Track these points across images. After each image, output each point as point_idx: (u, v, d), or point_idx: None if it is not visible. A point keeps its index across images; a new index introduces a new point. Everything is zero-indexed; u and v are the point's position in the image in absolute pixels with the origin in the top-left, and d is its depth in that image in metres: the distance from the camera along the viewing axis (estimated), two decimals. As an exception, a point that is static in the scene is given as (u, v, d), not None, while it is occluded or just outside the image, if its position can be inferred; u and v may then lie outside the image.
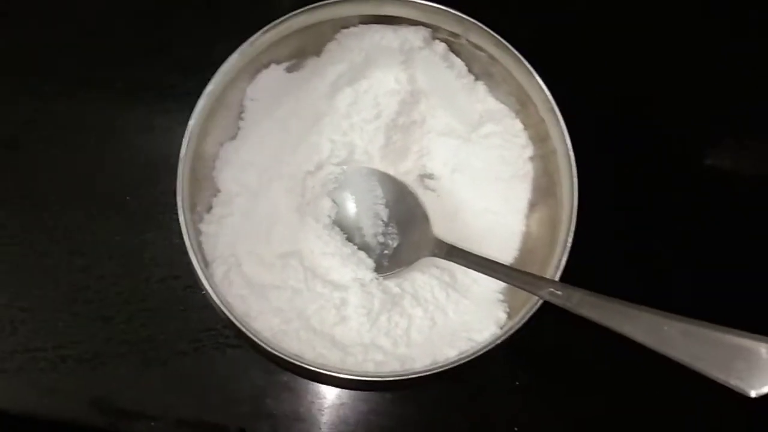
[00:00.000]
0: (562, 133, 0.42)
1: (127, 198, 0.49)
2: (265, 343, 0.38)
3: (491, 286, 0.46)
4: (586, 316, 0.36)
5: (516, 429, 0.47)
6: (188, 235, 0.39)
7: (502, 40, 0.43)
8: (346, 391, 0.47)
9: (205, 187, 0.46)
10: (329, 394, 0.47)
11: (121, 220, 0.49)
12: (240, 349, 0.47)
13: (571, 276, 0.40)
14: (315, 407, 0.47)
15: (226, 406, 0.47)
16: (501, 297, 0.46)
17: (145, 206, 0.49)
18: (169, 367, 0.47)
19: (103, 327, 0.47)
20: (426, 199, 0.48)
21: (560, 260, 0.40)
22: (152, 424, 0.46)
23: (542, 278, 0.40)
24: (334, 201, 0.47)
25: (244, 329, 0.38)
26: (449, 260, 0.44)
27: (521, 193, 0.47)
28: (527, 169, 0.47)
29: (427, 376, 0.40)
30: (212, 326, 0.48)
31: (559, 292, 0.38)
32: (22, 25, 0.53)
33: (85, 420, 0.46)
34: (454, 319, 0.45)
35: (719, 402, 0.46)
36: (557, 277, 0.40)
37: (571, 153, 0.41)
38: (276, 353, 0.38)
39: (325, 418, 0.47)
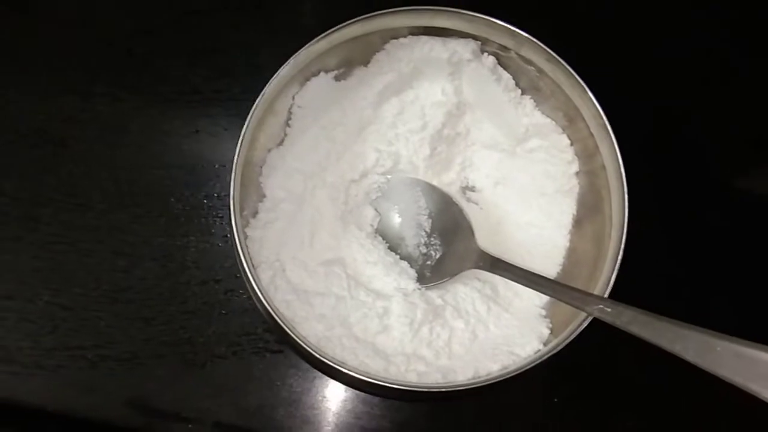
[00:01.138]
0: (614, 149, 0.42)
1: (171, 200, 0.50)
2: (311, 349, 0.38)
3: (534, 301, 0.46)
4: (636, 335, 0.36)
5: (553, 446, 0.47)
6: (239, 237, 0.39)
7: (553, 54, 0.43)
8: (384, 400, 0.47)
9: (252, 192, 0.46)
10: (367, 403, 0.47)
11: (165, 222, 0.49)
12: (279, 354, 0.47)
13: (613, 292, 0.40)
14: (352, 415, 0.47)
15: (262, 411, 0.47)
16: (543, 312, 0.45)
17: (189, 209, 0.50)
18: (207, 370, 0.47)
19: (143, 328, 0.48)
20: (468, 211, 0.48)
21: (610, 277, 0.40)
22: (189, 426, 0.46)
23: (591, 294, 0.39)
24: (377, 210, 0.48)
25: (292, 334, 0.38)
26: (494, 273, 0.44)
27: (566, 208, 0.47)
28: (573, 185, 0.47)
29: (468, 389, 0.40)
30: (252, 331, 0.48)
31: (608, 309, 0.37)
32: (70, 25, 0.53)
33: (121, 420, 0.46)
34: (496, 333, 0.45)
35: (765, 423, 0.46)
36: (607, 294, 0.39)
37: (623, 169, 0.41)
38: (322, 359, 0.38)
39: (362, 426, 0.46)
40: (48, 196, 0.49)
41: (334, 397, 0.47)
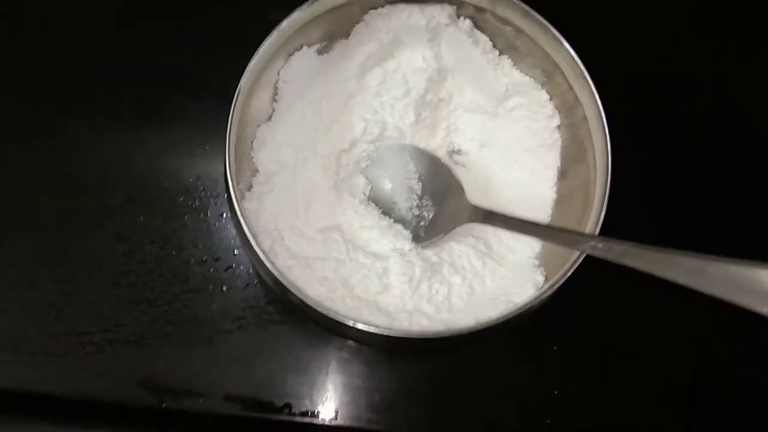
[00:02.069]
0: (593, 95, 0.43)
1: (165, 184, 0.51)
2: (318, 308, 0.39)
3: (526, 253, 0.47)
4: (629, 266, 0.37)
5: (556, 392, 0.48)
6: (237, 205, 0.40)
7: (528, 9, 0.45)
8: (390, 360, 0.48)
9: (245, 167, 0.47)
10: (372, 365, 0.48)
11: (160, 204, 0.50)
12: (283, 325, 0.48)
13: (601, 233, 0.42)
14: (359, 378, 0.48)
15: (270, 382, 0.48)
16: (536, 262, 0.47)
17: (183, 191, 0.51)
18: (214, 345, 0.48)
19: (147, 309, 0.48)
20: (456, 173, 0.49)
21: (599, 217, 0.41)
22: (200, 401, 0.47)
23: (582, 234, 0.41)
24: (367, 178, 0.49)
25: (298, 294, 0.39)
26: (487, 224, 0.45)
27: (550, 161, 0.48)
28: (555, 138, 0.48)
29: (470, 336, 0.41)
30: (255, 304, 0.49)
31: (600, 245, 0.39)
32: (57, 16, 0.54)
33: (132, 400, 0.47)
34: (492, 286, 0.46)
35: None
36: (596, 232, 0.41)
37: (602, 113, 0.43)
38: (330, 317, 0.39)
39: (370, 389, 0.48)
40: (45, 185, 0.50)
41: (339, 361, 0.48)
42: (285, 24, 0.44)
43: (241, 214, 0.41)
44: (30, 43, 0.54)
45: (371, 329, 0.39)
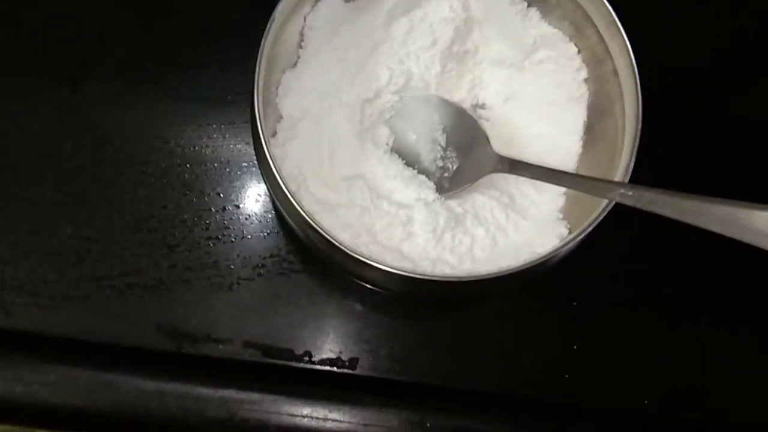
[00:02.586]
0: (625, 46, 0.43)
1: (188, 130, 0.50)
2: (344, 247, 0.39)
3: (550, 206, 0.47)
4: (659, 213, 0.37)
5: (575, 347, 0.48)
6: (267, 149, 0.40)
7: (560, -42, 0.44)
8: (411, 312, 0.48)
9: (269, 113, 0.46)
10: (395, 316, 0.48)
11: (182, 152, 0.50)
12: (304, 273, 0.48)
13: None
14: (379, 327, 0.48)
15: (291, 329, 0.48)
16: (560, 215, 0.47)
17: (206, 139, 0.50)
18: (234, 292, 0.48)
19: (167, 255, 0.48)
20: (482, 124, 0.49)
21: (628, 165, 0.41)
22: (220, 347, 0.47)
23: (611, 181, 0.40)
24: (391, 129, 0.48)
25: (325, 234, 0.39)
26: (513, 173, 0.45)
27: (577, 115, 0.48)
28: (582, 91, 0.48)
29: (492, 286, 0.41)
30: (276, 253, 0.49)
31: (629, 193, 0.39)
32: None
33: (152, 344, 0.47)
34: (515, 238, 0.46)
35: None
36: (626, 180, 0.41)
37: (634, 63, 0.42)
38: (355, 257, 0.39)
39: (390, 339, 0.48)
40: (67, 133, 0.50)
41: (360, 311, 0.48)
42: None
43: (269, 155, 0.40)
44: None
45: (395, 271, 0.39)
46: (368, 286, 0.44)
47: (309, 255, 0.48)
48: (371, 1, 0.48)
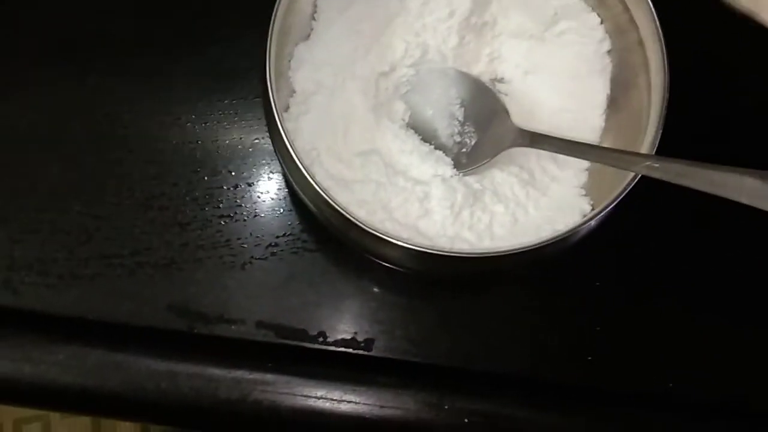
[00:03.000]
0: (651, 14, 0.41)
1: (199, 105, 0.49)
2: (360, 222, 0.38)
3: (572, 182, 0.45)
4: (687, 185, 0.36)
5: (598, 328, 0.47)
6: (280, 122, 0.39)
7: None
8: (428, 293, 0.47)
9: (282, 86, 0.45)
10: (411, 297, 0.47)
11: (193, 127, 0.49)
12: (318, 253, 0.47)
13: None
14: (396, 307, 0.46)
15: (305, 310, 0.46)
16: (583, 192, 0.45)
17: (218, 113, 0.49)
18: (246, 271, 0.47)
19: (179, 233, 0.47)
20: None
21: (655, 137, 0.39)
22: (232, 327, 0.46)
23: (638, 153, 0.39)
24: (407, 104, 0.47)
25: (341, 210, 0.37)
26: (534, 147, 0.43)
27: (600, 87, 0.46)
28: (605, 63, 0.46)
29: (513, 263, 0.40)
30: (289, 231, 0.47)
31: (656, 165, 0.37)
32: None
33: (164, 323, 0.46)
34: (536, 216, 0.44)
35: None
36: (653, 152, 0.39)
37: (660, 31, 0.41)
38: (371, 232, 0.37)
39: (406, 320, 0.46)
40: (76, 109, 0.49)
41: (376, 291, 0.47)
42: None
43: (283, 129, 0.39)
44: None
45: (413, 246, 0.38)
46: (385, 264, 0.43)
47: (323, 234, 0.47)
48: (386, -29, 0.47)
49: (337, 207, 0.38)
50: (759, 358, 0.48)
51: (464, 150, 0.46)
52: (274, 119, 0.39)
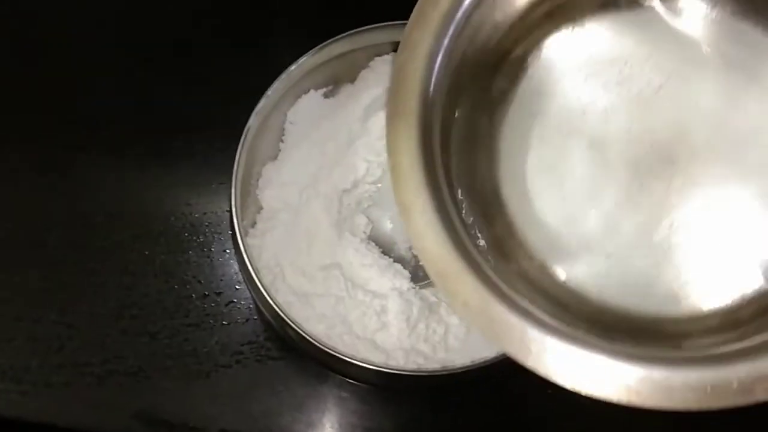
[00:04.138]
0: None
1: (171, 219, 0.52)
2: (317, 342, 0.40)
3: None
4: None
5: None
6: (241, 239, 0.41)
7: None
8: (385, 399, 0.48)
9: (250, 204, 0.48)
10: (368, 402, 0.48)
11: (165, 239, 0.51)
12: (281, 361, 0.49)
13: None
14: (355, 415, 0.48)
15: (267, 417, 0.48)
16: (534, 304, 0.47)
17: (189, 227, 0.52)
18: (211, 379, 0.48)
19: (148, 342, 0.49)
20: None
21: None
22: (195, 435, 0.47)
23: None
24: (368, 218, 0.50)
25: (298, 329, 0.40)
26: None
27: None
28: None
29: (468, 376, 0.42)
30: (254, 339, 0.49)
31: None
32: (67, 59, 0.56)
33: (129, 432, 0.47)
34: (489, 327, 0.47)
35: None
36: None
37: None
38: (328, 352, 0.40)
39: (365, 426, 0.48)
40: (54, 220, 0.51)
41: (337, 399, 0.48)
42: (294, 68, 0.46)
43: (245, 249, 0.41)
44: (40, 82, 0.55)
45: (368, 366, 0.40)
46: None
47: (287, 342, 0.49)
48: (350, 97, 0.50)
49: (293, 326, 0.40)
50: None
51: (421, 263, 0.48)
52: (237, 240, 0.42)
